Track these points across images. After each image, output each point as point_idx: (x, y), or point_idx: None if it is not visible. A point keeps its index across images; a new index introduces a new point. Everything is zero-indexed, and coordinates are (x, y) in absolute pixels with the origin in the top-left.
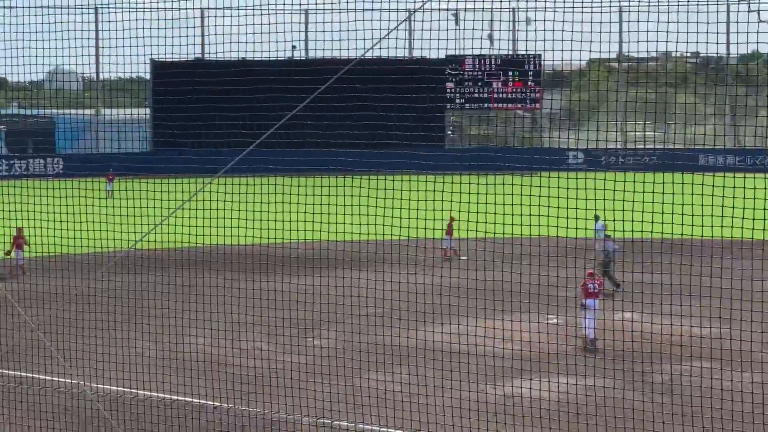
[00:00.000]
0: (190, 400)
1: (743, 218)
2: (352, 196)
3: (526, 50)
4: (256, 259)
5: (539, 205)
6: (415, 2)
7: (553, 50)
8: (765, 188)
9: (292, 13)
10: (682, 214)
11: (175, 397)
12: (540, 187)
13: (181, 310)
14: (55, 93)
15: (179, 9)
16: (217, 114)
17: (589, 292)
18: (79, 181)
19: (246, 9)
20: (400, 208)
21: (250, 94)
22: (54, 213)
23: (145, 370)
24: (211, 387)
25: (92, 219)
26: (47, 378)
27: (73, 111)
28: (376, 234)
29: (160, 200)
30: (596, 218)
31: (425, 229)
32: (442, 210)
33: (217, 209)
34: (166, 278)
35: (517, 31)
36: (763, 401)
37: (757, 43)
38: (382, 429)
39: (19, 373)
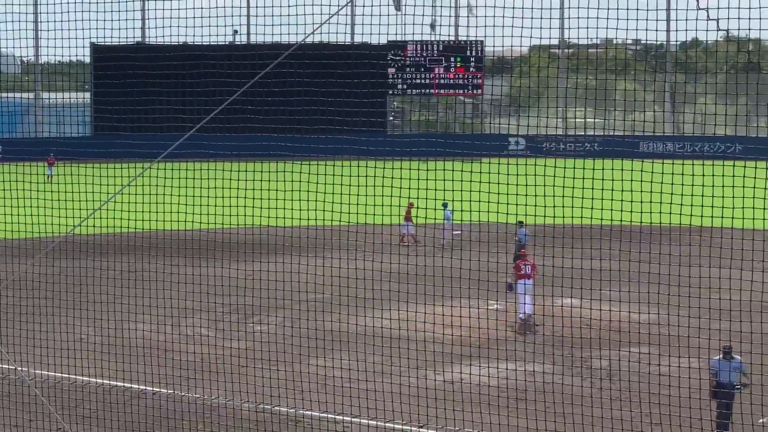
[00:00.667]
0: (130, 385)
1: (681, 205)
2: (293, 181)
3: (468, 36)
4: (198, 244)
5: (479, 191)
6: None
7: (494, 36)
8: (704, 175)
9: None
10: (622, 200)
11: (115, 383)
12: (481, 173)
13: (122, 296)
14: None
15: None
16: (157, 98)
17: (520, 273)
18: (18, 165)
19: None
20: (341, 194)
21: (192, 78)
22: None
23: (85, 356)
24: (151, 373)
25: (31, 204)
26: None
27: (11, 94)
28: (317, 219)
29: (100, 185)
30: (444, 205)
31: (365, 214)
32: (383, 195)
33: (158, 194)
34: (106, 264)
35: (459, 17)
36: (700, 386)
37: (696, 30)
38: (322, 415)
39: None
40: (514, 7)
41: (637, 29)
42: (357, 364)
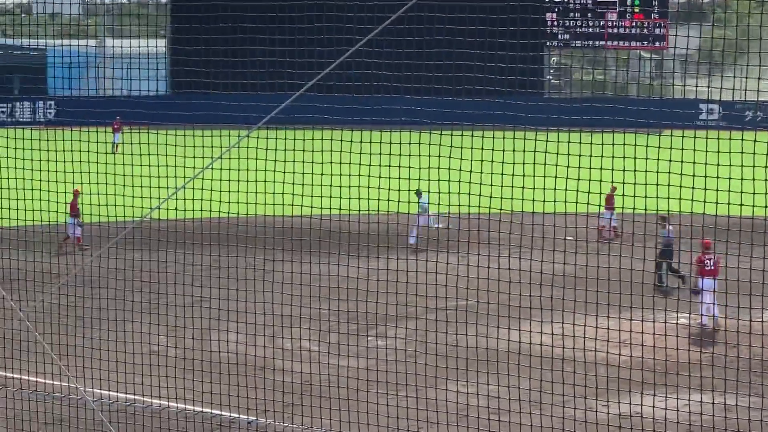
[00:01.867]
0: (218, 413)
1: None
2: (429, 156)
3: None
4: (304, 234)
5: (657, 172)
6: None
7: None
8: None
9: None
10: None
11: (200, 409)
12: (659, 148)
13: (208, 298)
14: (47, 18)
15: None
16: (254, 49)
17: (705, 269)
18: (76, 131)
19: None
20: (488, 173)
21: (300, 23)
22: (43, 171)
23: (160, 373)
24: (244, 396)
25: (93, 180)
26: (37, 380)
27: (70, 42)
28: (459, 205)
29: (181, 156)
30: (419, 193)
31: (522, 200)
32: (534, 176)
33: (255, 170)
34: (189, 257)
35: None
36: None
37: None
38: None
39: (1, 373)
40: None
41: None
42: (506, 391)
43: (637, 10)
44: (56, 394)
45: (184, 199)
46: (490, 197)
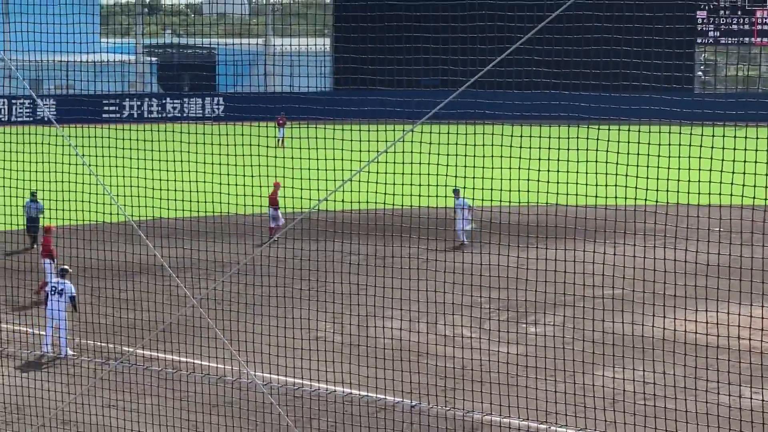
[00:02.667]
0: (376, 396)
1: None
2: (586, 150)
3: None
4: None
5: None
6: None
7: None
8: None
9: None
10: None
11: (363, 393)
12: None
13: (370, 286)
14: (217, 18)
15: None
16: (416, 46)
17: None
18: (243, 126)
19: None
20: (635, 165)
21: (461, 22)
22: (213, 164)
23: (323, 358)
24: (402, 381)
25: (259, 173)
26: (209, 365)
27: (237, 41)
28: (616, 198)
29: (342, 150)
30: (456, 192)
31: (678, 192)
32: (689, 169)
33: (420, 163)
34: (352, 247)
35: None
36: None
37: None
38: None
39: (175, 358)
40: None
41: None
42: (659, 377)
43: None
44: (227, 378)
45: (350, 191)
46: (646, 189)
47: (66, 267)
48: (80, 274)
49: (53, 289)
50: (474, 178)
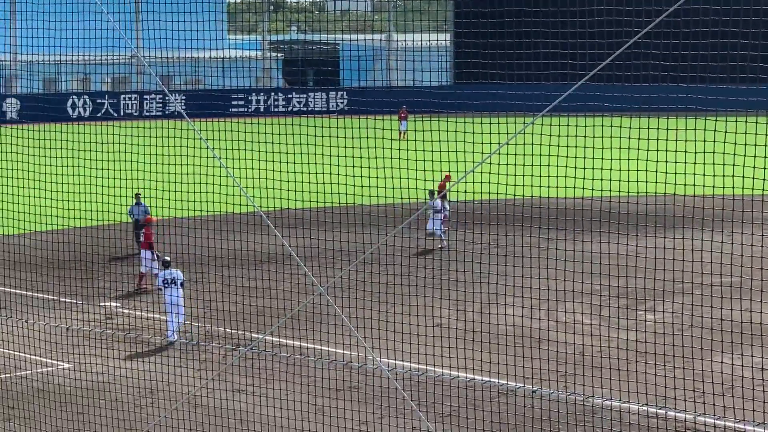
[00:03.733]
0: (497, 381)
1: None
2: (704, 141)
3: None
4: (579, 214)
5: None
6: None
7: None
8: None
9: None
10: None
11: (484, 378)
12: None
13: (490, 273)
14: (340, 15)
15: None
16: (534, 41)
17: None
18: (366, 119)
19: None
20: (763, 156)
21: (579, 17)
22: (338, 156)
23: (444, 344)
24: (522, 366)
25: (383, 164)
26: (335, 350)
27: (360, 37)
28: (733, 188)
29: (463, 142)
30: (431, 193)
31: None
32: None
33: (540, 155)
34: (472, 236)
35: None
36: None
37: None
38: (727, 423)
39: (303, 344)
40: None
41: None
42: None
43: None
44: (353, 364)
45: (472, 182)
46: (764, 179)
47: (167, 258)
48: (210, 263)
49: (166, 280)
50: (593, 169)
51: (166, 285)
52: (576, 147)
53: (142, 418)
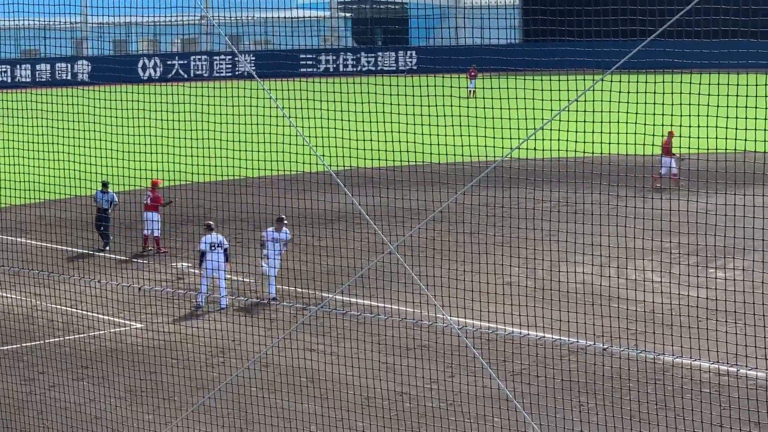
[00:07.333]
0: (566, 339)
1: None
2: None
3: None
4: (649, 171)
5: None
6: None
7: None
8: None
9: None
10: None
11: (550, 336)
12: None
13: (558, 231)
14: None
15: None
16: None
17: None
18: (435, 77)
19: None
20: None
21: None
22: (408, 114)
23: (514, 302)
24: (592, 324)
25: (452, 122)
26: (405, 309)
27: None
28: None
29: (533, 99)
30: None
31: None
32: None
33: (609, 111)
34: (540, 194)
35: None
36: None
37: None
38: None
39: (373, 303)
40: None
41: None
42: None
43: None
44: (423, 322)
45: (541, 139)
46: None
47: (210, 222)
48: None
49: (212, 245)
50: (662, 126)
51: (213, 249)
52: (645, 104)
53: (213, 378)
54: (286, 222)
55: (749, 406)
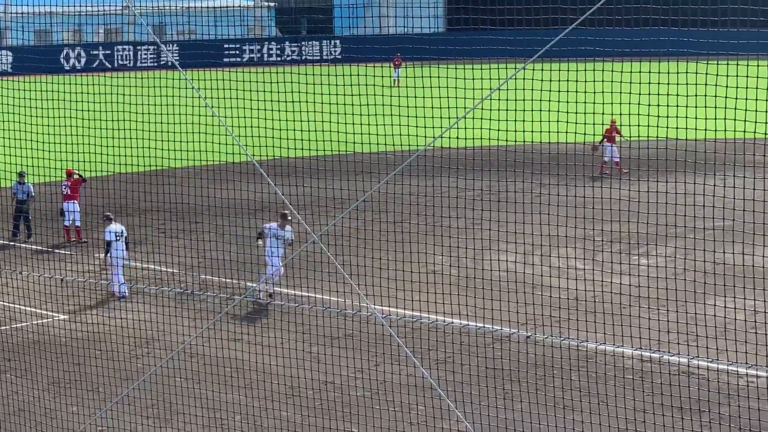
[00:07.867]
0: (491, 327)
1: None
2: (696, 84)
3: None
4: (572, 159)
5: None
6: None
7: None
8: None
9: None
10: None
11: (479, 324)
12: None
13: (484, 220)
14: None
15: None
16: None
17: None
18: (360, 67)
19: None
20: (754, 99)
21: None
22: (330, 104)
23: (438, 291)
24: (516, 312)
25: (375, 111)
26: (330, 298)
27: None
28: (725, 131)
29: (455, 88)
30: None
31: None
32: None
33: (531, 100)
34: (466, 183)
35: None
36: None
37: None
38: (720, 366)
39: (297, 292)
40: None
41: None
42: (766, 306)
43: None
44: (347, 311)
45: (464, 128)
46: (755, 122)
47: (109, 213)
48: (205, 213)
49: (115, 235)
50: (585, 114)
51: (117, 238)
52: (568, 92)
53: (138, 368)
54: (290, 219)
55: (672, 392)
